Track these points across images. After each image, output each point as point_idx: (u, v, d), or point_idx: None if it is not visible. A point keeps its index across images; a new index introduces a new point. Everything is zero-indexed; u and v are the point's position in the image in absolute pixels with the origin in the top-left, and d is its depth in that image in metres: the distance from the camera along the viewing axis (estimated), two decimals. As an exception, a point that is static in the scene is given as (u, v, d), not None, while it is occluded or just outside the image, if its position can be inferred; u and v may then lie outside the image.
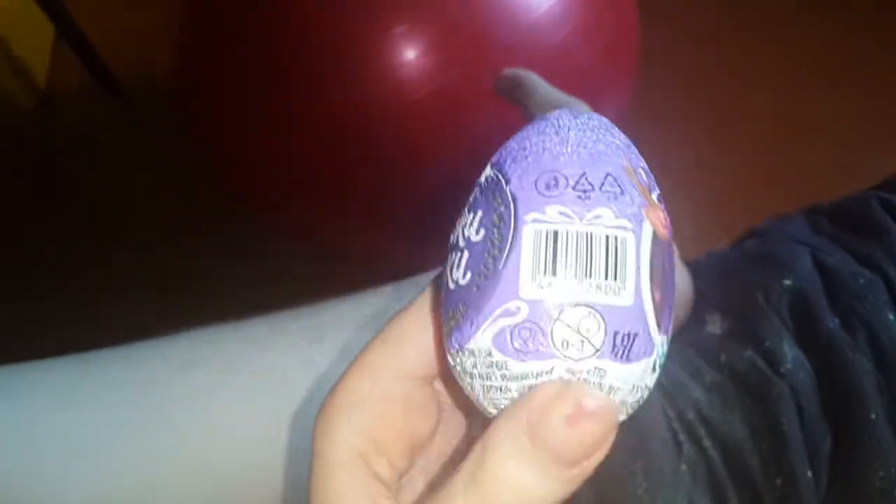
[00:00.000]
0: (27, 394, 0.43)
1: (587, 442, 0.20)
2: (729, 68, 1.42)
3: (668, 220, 0.21)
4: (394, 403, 0.24)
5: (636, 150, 0.22)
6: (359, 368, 0.25)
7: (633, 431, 0.45)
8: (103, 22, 1.50)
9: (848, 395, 0.43)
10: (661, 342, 0.20)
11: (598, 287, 0.20)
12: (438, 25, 0.82)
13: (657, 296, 0.20)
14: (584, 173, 0.20)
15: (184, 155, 1.30)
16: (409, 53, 0.82)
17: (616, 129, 0.23)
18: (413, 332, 0.25)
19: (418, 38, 0.81)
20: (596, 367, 0.20)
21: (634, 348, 0.20)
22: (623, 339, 0.20)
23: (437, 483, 0.27)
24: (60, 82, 1.52)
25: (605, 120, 0.23)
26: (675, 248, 0.23)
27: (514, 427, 0.20)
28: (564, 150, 0.21)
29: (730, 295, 0.52)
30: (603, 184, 0.20)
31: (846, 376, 0.43)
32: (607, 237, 0.20)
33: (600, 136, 0.22)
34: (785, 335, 0.47)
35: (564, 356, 0.20)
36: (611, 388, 0.20)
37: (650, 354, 0.20)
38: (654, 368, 0.21)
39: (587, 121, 0.22)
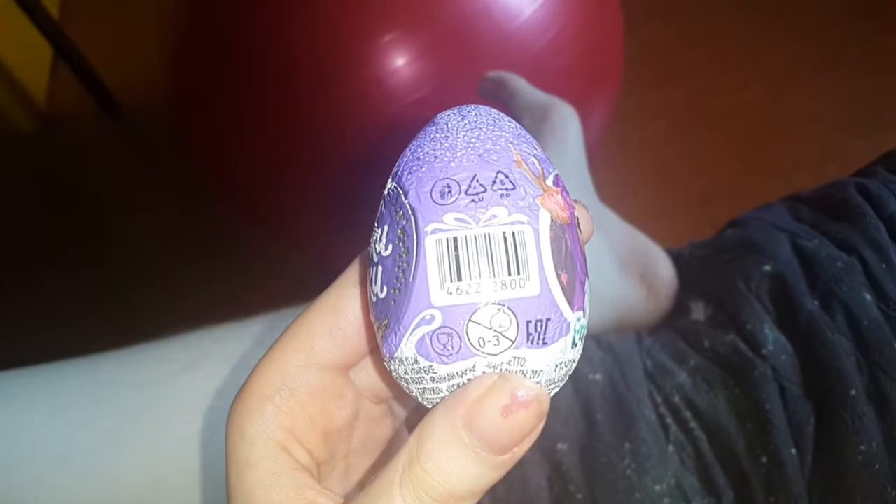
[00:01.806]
0: (22, 400, 0.42)
1: (521, 429, 0.21)
2: (715, 64, 1.43)
3: (567, 199, 0.22)
4: (307, 394, 0.25)
5: (528, 137, 0.23)
6: (269, 363, 0.25)
7: (620, 416, 0.46)
8: (101, 43, 1.52)
9: (828, 374, 0.44)
10: (576, 318, 0.21)
11: (504, 284, 0.21)
12: (427, 33, 0.84)
13: (563, 278, 0.21)
14: (474, 176, 0.21)
15: (184, 173, 1.32)
16: (399, 61, 0.83)
17: (505, 118, 0.24)
18: (322, 323, 0.25)
19: (407, 47, 0.83)
20: (515, 357, 0.21)
21: (549, 332, 0.21)
22: (536, 327, 0.21)
23: (368, 476, 0.27)
24: (60, 104, 1.54)
25: (493, 112, 0.24)
26: (582, 223, 0.24)
27: (450, 419, 0.21)
28: (455, 156, 0.22)
29: (712, 283, 0.53)
30: (494, 182, 0.21)
31: (826, 356, 0.45)
32: (504, 234, 0.21)
33: (488, 133, 0.22)
34: (765, 318, 0.48)
35: (483, 353, 0.21)
36: (534, 371, 0.21)
37: (566, 333, 0.21)
38: (573, 344, 0.21)
39: (475, 119, 0.23)
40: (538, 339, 0.21)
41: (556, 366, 0.22)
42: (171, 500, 0.43)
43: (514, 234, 0.21)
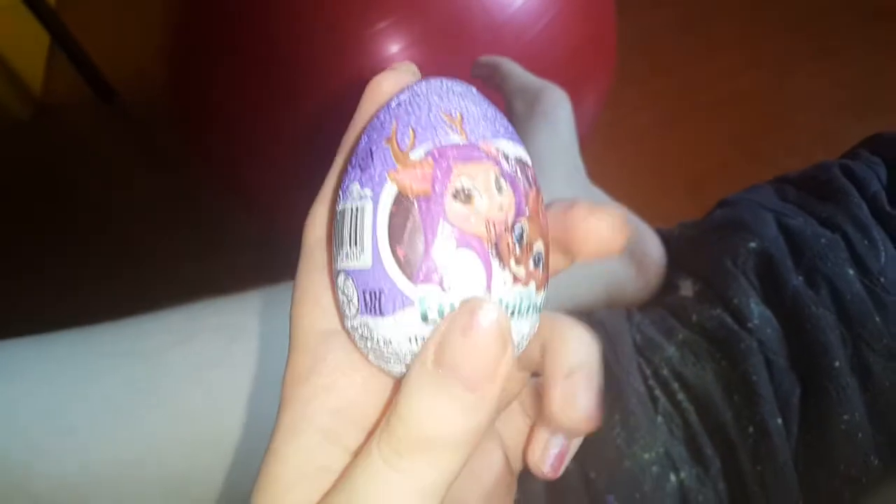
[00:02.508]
0: (21, 370, 0.42)
1: (485, 354, 0.20)
2: (708, 52, 1.43)
3: (434, 172, 0.21)
4: (343, 365, 0.24)
5: (412, 111, 0.23)
6: (297, 348, 0.24)
7: (610, 387, 0.47)
8: (98, 31, 1.52)
9: (813, 346, 0.45)
10: (422, 292, 0.21)
11: (347, 255, 0.22)
12: (420, 21, 0.84)
13: (400, 252, 0.21)
14: (356, 154, 0.23)
15: (180, 159, 1.31)
16: (392, 48, 0.84)
17: (402, 93, 0.24)
18: (328, 293, 0.24)
19: (400, 35, 0.83)
20: (363, 323, 0.22)
21: (383, 303, 0.21)
22: (371, 297, 0.22)
23: None
24: (56, 91, 1.53)
25: (447, 85, 0.24)
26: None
27: (420, 362, 0.20)
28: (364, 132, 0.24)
29: (700, 261, 0.54)
30: (360, 160, 0.23)
31: (811, 330, 0.46)
32: (351, 209, 0.22)
33: (413, 108, 0.23)
34: (751, 294, 0.49)
35: (345, 315, 0.23)
36: (385, 340, 0.22)
37: (408, 305, 0.21)
38: (423, 317, 0.21)
39: (423, 90, 0.24)
40: (375, 308, 0.22)
41: (410, 338, 0.22)
42: (169, 470, 0.43)
43: (357, 208, 0.22)
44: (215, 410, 0.44)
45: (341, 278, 0.23)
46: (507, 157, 0.22)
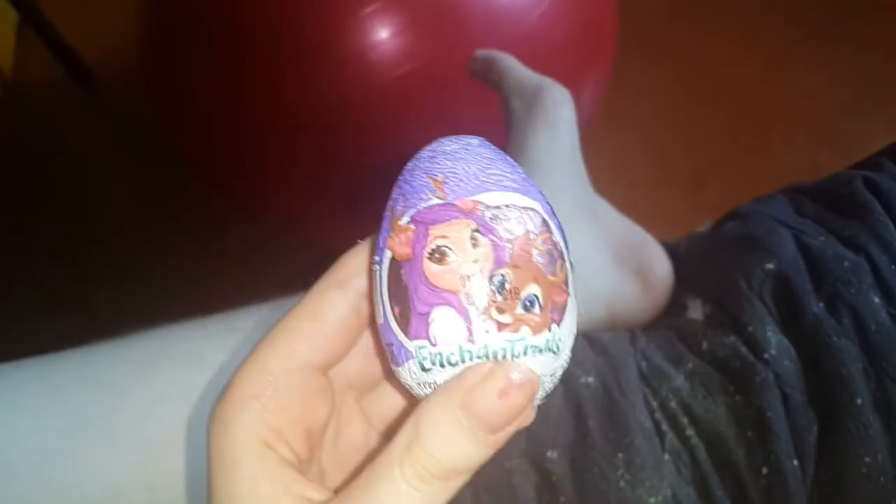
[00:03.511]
0: None
1: (515, 409, 0.23)
2: (708, 42, 1.41)
3: (416, 235, 0.24)
4: (289, 395, 0.26)
5: (409, 179, 0.25)
6: (251, 366, 0.26)
7: (613, 422, 0.44)
8: (74, 10, 1.47)
9: (834, 381, 0.42)
10: (417, 345, 0.24)
11: (376, 310, 0.25)
12: (413, 5, 0.81)
13: (396, 310, 0.24)
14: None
15: (157, 143, 1.28)
16: (382, 34, 0.80)
17: (414, 166, 0.26)
18: (303, 324, 0.26)
19: (391, 18, 0.80)
20: (396, 372, 0.25)
21: (395, 355, 0.25)
22: (389, 350, 0.25)
23: (350, 477, 0.28)
24: (27, 73, 1.49)
25: (453, 146, 0.26)
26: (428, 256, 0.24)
27: (448, 401, 0.23)
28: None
29: (710, 280, 0.51)
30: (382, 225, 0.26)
31: (832, 362, 0.43)
32: (372, 271, 0.25)
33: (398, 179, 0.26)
34: (768, 321, 0.46)
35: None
36: (407, 385, 0.25)
37: (410, 358, 0.24)
38: (422, 368, 0.24)
39: (433, 153, 0.26)
40: (392, 360, 0.25)
41: (419, 385, 0.24)
42: None
43: (375, 270, 0.25)
44: (173, 445, 0.41)
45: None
46: (486, 210, 0.24)
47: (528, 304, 0.23)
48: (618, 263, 0.54)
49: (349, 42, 0.80)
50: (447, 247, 0.23)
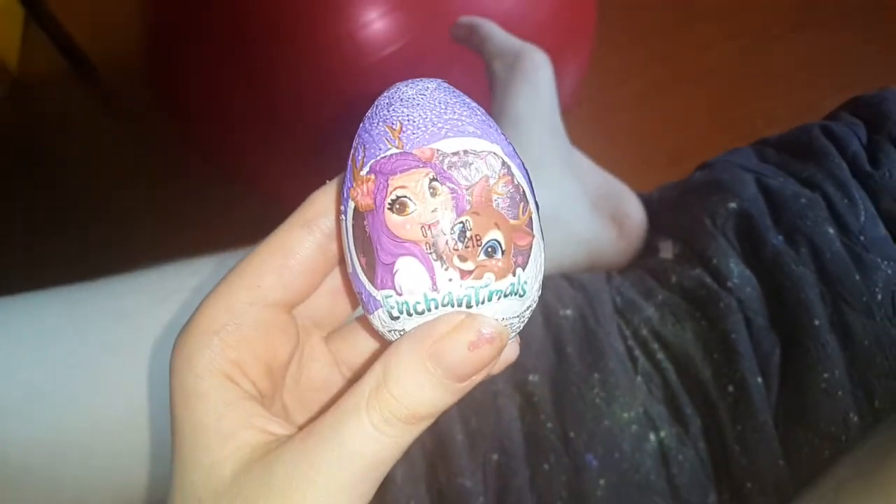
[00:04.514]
0: None
1: (483, 361, 0.24)
2: (688, 23, 1.43)
3: (376, 183, 0.24)
4: (252, 329, 0.26)
5: (367, 127, 0.25)
6: (215, 299, 0.26)
7: (590, 348, 0.47)
8: (76, 4, 1.48)
9: (794, 305, 0.45)
10: (384, 295, 0.24)
11: (346, 260, 0.25)
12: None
13: (363, 260, 0.24)
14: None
15: (160, 135, 1.30)
16: (371, 14, 0.83)
17: (373, 114, 0.25)
18: (271, 262, 0.27)
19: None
20: (370, 319, 0.25)
21: (365, 304, 0.25)
22: (360, 298, 0.25)
23: (313, 416, 0.29)
24: (32, 67, 1.50)
25: (411, 89, 0.25)
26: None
27: (416, 351, 0.23)
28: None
29: (680, 222, 0.54)
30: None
31: (791, 288, 0.46)
32: (341, 222, 0.25)
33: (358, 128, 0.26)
34: (731, 254, 0.49)
35: None
36: (380, 332, 0.25)
37: (379, 307, 0.24)
38: (391, 316, 0.24)
39: (396, 94, 0.26)
40: (364, 308, 0.25)
41: (389, 332, 0.25)
42: (145, 436, 0.42)
43: (343, 220, 0.25)
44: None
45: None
46: (443, 158, 0.24)
47: (489, 249, 0.23)
48: (596, 211, 0.58)
49: (339, 23, 0.82)
50: (407, 197, 0.23)
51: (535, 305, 0.26)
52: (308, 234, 0.27)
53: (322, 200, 0.27)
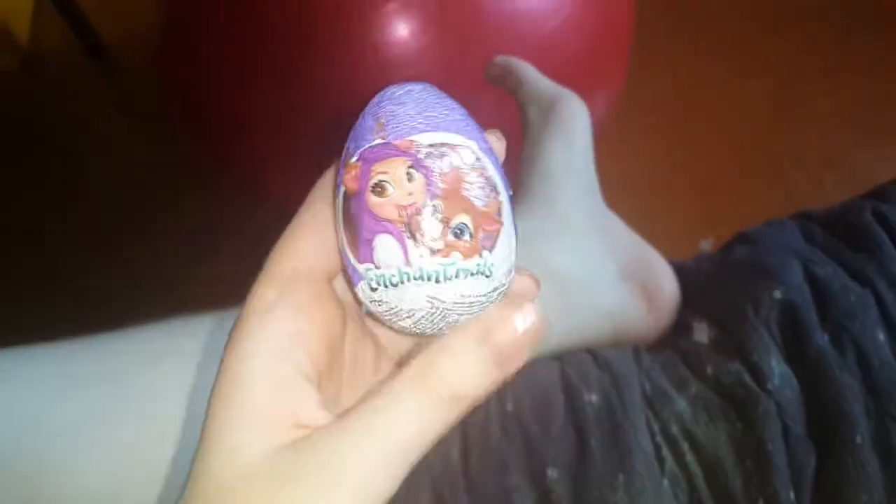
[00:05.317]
0: None
1: (525, 346, 0.26)
2: (722, 56, 1.40)
3: (361, 169, 0.26)
4: (305, 298, 0.27)
5: (361, 124, 0.28)
6: (262, 282, 0.27)
7: (615, 443, 0.44)
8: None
9: (835, 416, 0.42)
10: (364, 268, 0.26)
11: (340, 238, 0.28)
12: (432, 5, 0.80)
13: (348, 237, 0.27)
14: None
15: (169, 117, 1.28)
16: (401, 32, 0.80)
17: (366, 110, 0.28)
18: (307, 233, 0.28)
19: (411, 18, 0.79)
20: (356, 291, 0.28)
21: (351, 276, 0.27)
22: (346, 272, 0.28)
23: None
24: (43, 42, 1.48)
25: (399, 91, 0.28)
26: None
27: (468, 338, 0.25)
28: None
29: (717, 303, 0.51)
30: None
31: (834, 397, 0.43)
32: (336, 202, 0.28)
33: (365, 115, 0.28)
34: (773, 349, 0.46)
35: None
36: (365, 303, 0.28)
37: (361, 279, 0.27)
38: (370, 288, 0.27)
39: (389, 95, 0.28)
40: (351, 281, 0.28)
41: (370, 302, 0.27)
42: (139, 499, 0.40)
43: (335, 204, 0.28)
44: (172, 439, 0.41)
45: None
46: (420, 149, 0.26)
47: (458, 231, 0.26)
48: (625, 279, 0.54)
49: (369, 40, 0.80)
50: (386, 181, 0.26)
51: (504, 290, 0.28)
52: (330, 208, 0.28)
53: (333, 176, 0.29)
